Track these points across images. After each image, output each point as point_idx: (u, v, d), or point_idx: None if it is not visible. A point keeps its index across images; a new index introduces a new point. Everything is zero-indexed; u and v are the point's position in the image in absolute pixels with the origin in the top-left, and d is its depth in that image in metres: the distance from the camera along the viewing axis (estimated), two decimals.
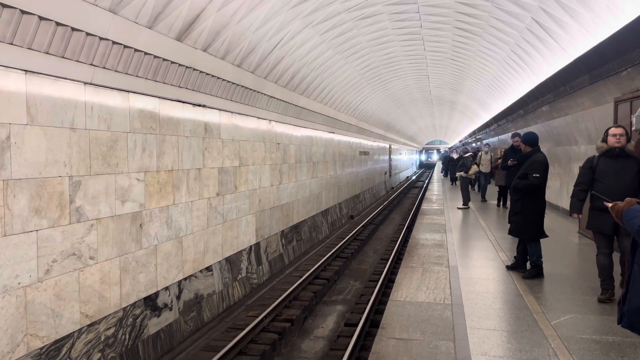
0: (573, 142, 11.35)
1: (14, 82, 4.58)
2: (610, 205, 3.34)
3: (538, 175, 6.03)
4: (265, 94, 10.15)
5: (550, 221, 8.60)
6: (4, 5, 4.11)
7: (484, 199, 15.99)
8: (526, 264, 6.56)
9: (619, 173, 5.06)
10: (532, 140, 6.35)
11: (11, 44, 4.36)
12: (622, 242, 5.14)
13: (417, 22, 11.61)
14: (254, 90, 9.56)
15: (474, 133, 31.46)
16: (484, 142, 22.72)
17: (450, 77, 18.62)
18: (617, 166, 5.10)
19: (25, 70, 4.67)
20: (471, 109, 25.27)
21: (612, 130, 5.23)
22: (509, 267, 6.77)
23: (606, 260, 5.22)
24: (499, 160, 12.82)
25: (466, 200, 14.38)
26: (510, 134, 13.03)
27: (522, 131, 15.69)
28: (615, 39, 6.63)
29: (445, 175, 30.07)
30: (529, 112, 13.69)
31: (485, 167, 16.18)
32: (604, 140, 5.24)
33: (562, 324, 4.70)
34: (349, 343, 6.84)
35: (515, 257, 6.78)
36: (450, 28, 11.84)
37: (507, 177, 10.92)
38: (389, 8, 10.48)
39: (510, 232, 6.63)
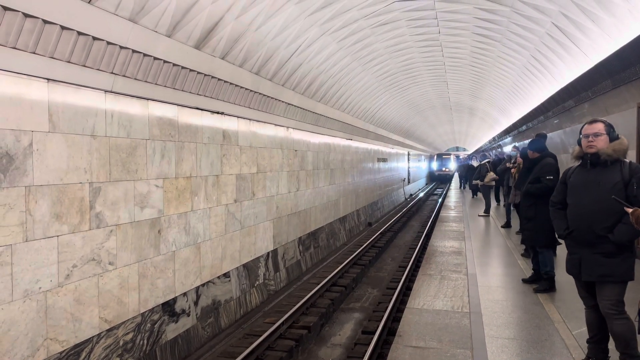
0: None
1: (36, 90, 4.68)
2: (630, 210, 3.24)
3: (552, 177, 5.93)
4: (283, 101, 10.21)
5: None
6: (27, 15, 4.21)
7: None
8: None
9: (589, 188, 3.62)
10: (539, 146, 6.34)
11: (34, 53, 4.46)
12: (600, 295, 3.61)
13: (435, 28, 11.56)
14: (272, 98, 9.62)
15: (493, 140, 31.11)
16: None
17: (470, 83, 18.47)
18: (589, 178, 3.64)
19: (48, 79, 4.77)
20: (491, 115, 25.01)
21: (585, 129, 3.67)
22: (525, 281, 6.50)
23: (592, 316, 3.84)
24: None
25: (488, 207, 14.20)
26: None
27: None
28: (637, 43, 6.51)
29: (463, 187, 26.86)
30: (550, 118, 13.50)
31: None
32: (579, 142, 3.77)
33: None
34: (366, 351, 6.79)
35: (533, 269, 6.55)
36: (469, 34, 11.76)
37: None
38: (406, 14, 10.46)
39: (524, 241, 6.49)
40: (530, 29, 9.89)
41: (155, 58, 5.94)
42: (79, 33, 4.77)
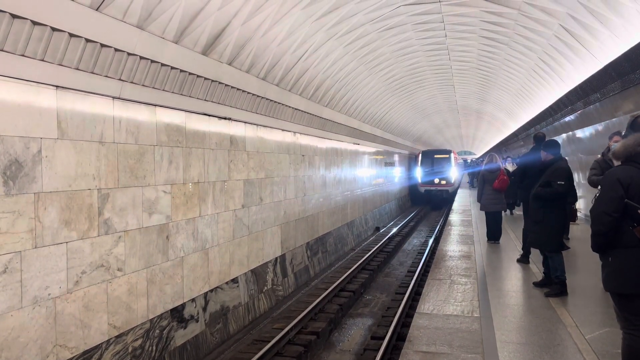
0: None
1: (45, 97, 4.71)
2: None
3: (563, 182, 5.84)
4: (289, 106, 10.21)
5: (573, 230, 8.29)
6: (35, 23, 4.24)
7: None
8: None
9: None
10: (555, 150, 6.21)
11: (42, 60, 4.49)
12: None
13: (441, 32, 11.55)
14: (279, 103, 9.63)
15: (501, 143, 30.99)
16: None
17: (477, 86, 18.43)
18: None
19: (56, 86, 4.80)
20: (498, 118, 24.92)
21: None
22: (536, 284, 6.39)
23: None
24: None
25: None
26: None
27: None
28: None
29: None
30: (557, 120, 13.41)
31: None
32: None
33: (597, 338, 4.52)
34: (375, 357, 6.74)
35: (544, 272, 6.47)
36: (476, 37, 11.73)
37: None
38: (413, 18, 10.45)
39: (531, 244, 6.41)
40: (537, 32, 9.85)
41: (162, 64, 5.96)
42: (87, 40, 4.79)
